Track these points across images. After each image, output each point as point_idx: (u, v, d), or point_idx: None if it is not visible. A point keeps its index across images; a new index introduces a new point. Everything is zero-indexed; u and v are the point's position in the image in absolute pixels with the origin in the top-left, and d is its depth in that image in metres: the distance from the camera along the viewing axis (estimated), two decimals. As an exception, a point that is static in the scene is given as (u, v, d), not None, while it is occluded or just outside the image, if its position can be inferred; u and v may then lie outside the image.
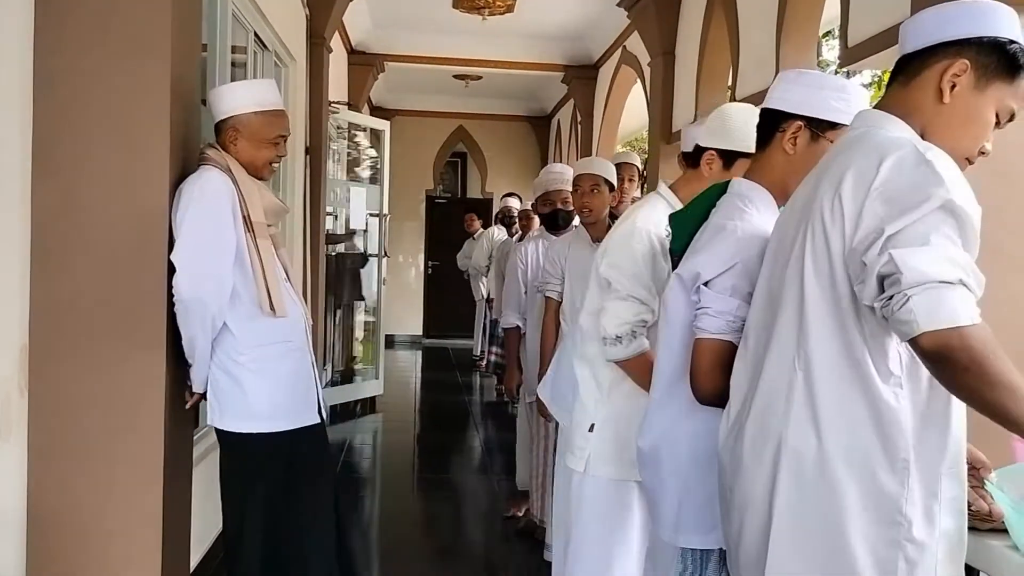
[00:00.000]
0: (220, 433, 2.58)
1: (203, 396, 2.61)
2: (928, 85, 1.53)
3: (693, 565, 1.89)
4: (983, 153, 1.56)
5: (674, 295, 1.89)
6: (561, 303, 3.70)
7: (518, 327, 4.41)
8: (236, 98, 2.62)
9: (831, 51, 10.29)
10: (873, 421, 1.44)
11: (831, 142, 1.80)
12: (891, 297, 1.34)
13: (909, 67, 1.56)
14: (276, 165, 2.70)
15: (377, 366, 7.66)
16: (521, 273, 4.44)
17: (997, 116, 1.53)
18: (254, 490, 2.58)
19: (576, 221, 4.01)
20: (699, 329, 1.80)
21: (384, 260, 7.55)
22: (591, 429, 2.43)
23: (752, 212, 1.86)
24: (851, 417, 1.46)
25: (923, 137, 1.50)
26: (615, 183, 3.70)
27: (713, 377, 1.78)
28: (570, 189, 3.88)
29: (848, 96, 1.85)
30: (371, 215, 7.75)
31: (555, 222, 4.19)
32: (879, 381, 1.44)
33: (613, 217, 3.58)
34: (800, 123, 1.85)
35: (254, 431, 2.53)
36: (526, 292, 4.42)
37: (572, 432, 2.52)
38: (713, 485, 1.78)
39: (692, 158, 2.42)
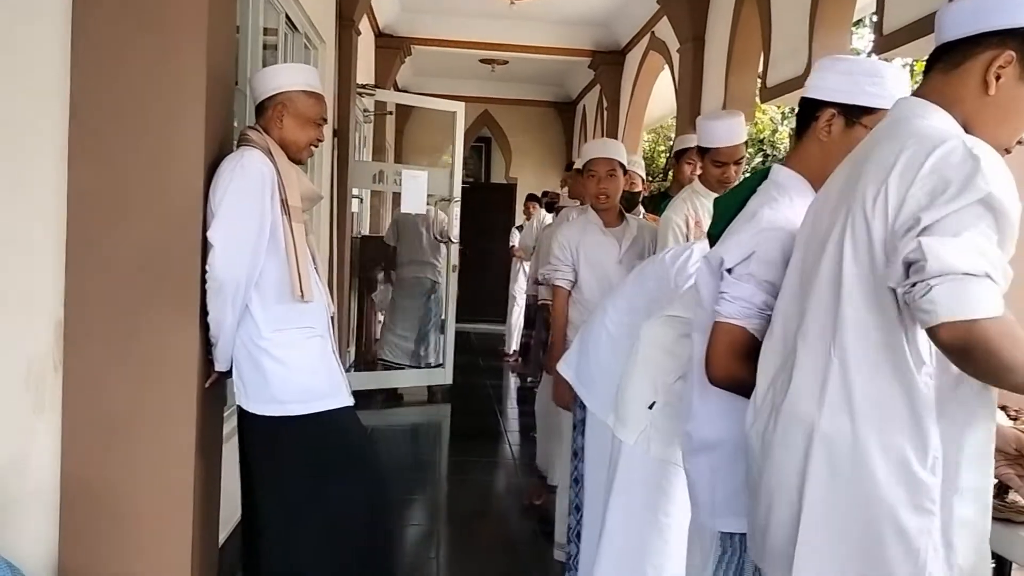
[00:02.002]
0: (247, 415, 2.60)
1: (224, 375, 2.63)
2: (972, 76, 1.50)
3: (731, 549, 1.90)
4: (1020, 143, 1.54)
5: (704, 280, 1.90)
6: (570, 291, 3.64)
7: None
8: (287, 76, 2.66)
9: (860, 40, 10.19)
10: (908, 408, 1.43)
11: (867, 128, 1.78)
12: (914, 284, 1.35)
13: (950, 56, 1.53)
14: (316, 149, 2.72)
15: (443, 353, 7.46)
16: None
17: None
18: (283, 473, 2.60)
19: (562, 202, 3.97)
20: (716, 313, 1.83)
21: (453, 247, 7.40)
22: (651, 407, 2.44)
23: (784, 201, 1.85)
24: (886, 404, 1.45)
25: (965, 128, 1.48)
26: (627, 165, 3.67)
27: (726, 362, 1.80)
28: (635, 171, 3.88)
29: (882, 80, 1.82)
30: (443, 199, 7.47)
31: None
32: (914, 368, 1.44)
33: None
34: (833, 110, 1.84)
35: (276, 414, 2.55)
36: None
37: (626, 406, 2.52)
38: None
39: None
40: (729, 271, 1.82)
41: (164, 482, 2.53)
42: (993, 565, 2.00)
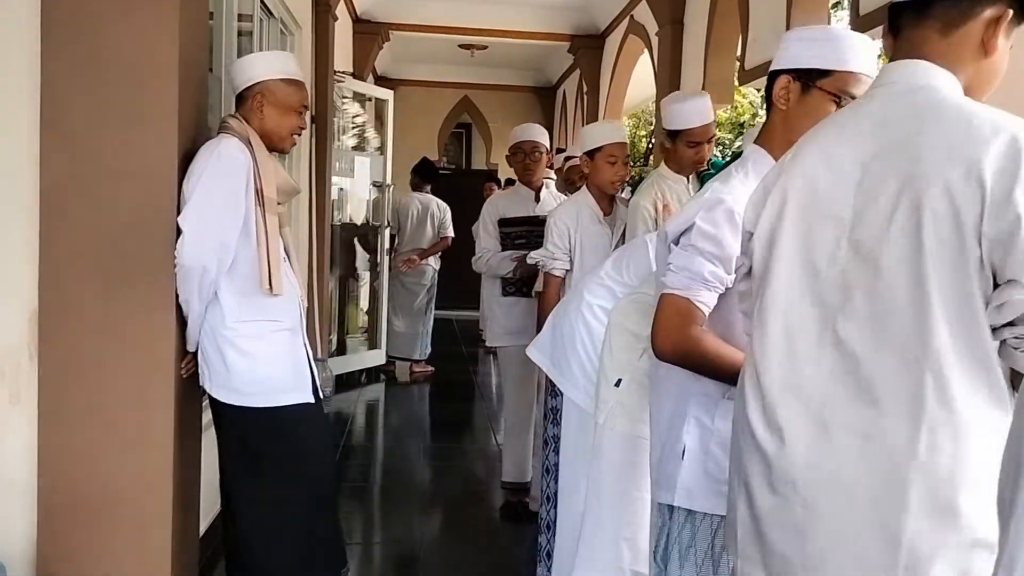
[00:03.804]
0: (215, 401, 2.60)
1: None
2: (973, 36, 1.38)
3: (661, 519, 1.91)
4: None
5: (660, 256, 1.91)
6: (564, 279, 3.61)
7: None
8: (264, 65, 2.64)
9: (839, 22, 10.22)
10: (1000, 434, 1.18)
11: (823, 91, 1.76)
12: None
13: (947, 14, 1.38)
14: (297, 138, 2.70)
15: (378, 337, 7.62)
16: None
17: None
18: (246, 462, 2.60)
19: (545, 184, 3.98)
20: (662, 284, 1.81)
21: (387, 231, 7.52)
22: (618, 384, 2.46)
23: (738, 176, 1.86)
24: (985, 429, 1.27)
25: (965, 93, 1.40)
26: None
27: (670, 334, 1.77)
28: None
29: (835, 42, 1.78)
30: (374, 184, 7.75)
31: None
32: (1008, 394, 1.29)
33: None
34: (788, 76, 1.81)
35: (236, 403, 2.54)
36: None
37: (598, 386, 2.55)
38: (682, 445, 1.82)
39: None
40: (676, 243, 1.82)
41: (143, 470, 2.52)
42: None
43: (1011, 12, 1.37)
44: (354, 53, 8.74)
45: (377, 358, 7.55)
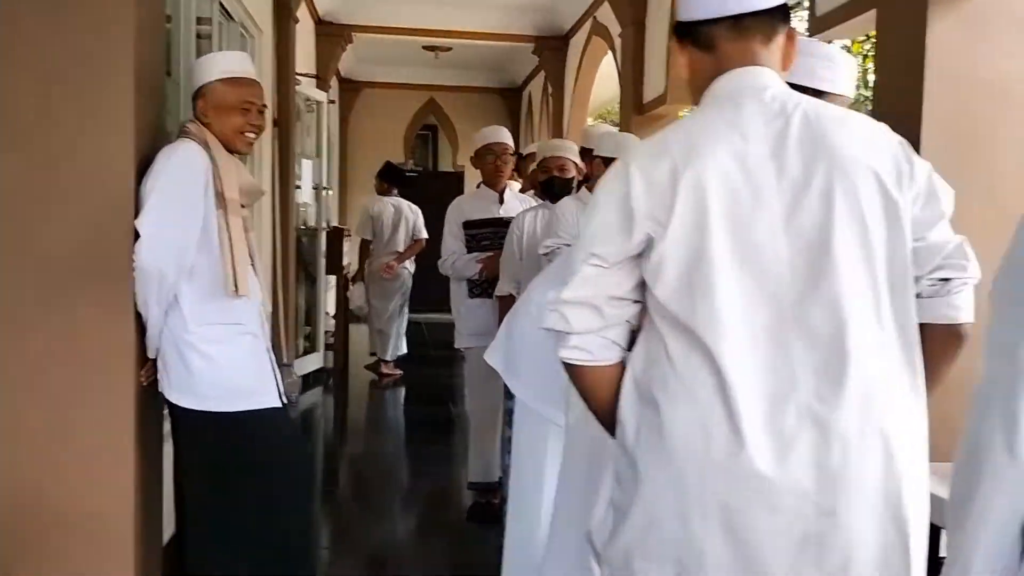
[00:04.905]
0: (174, 407, 2.56)
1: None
2: (780, 46, 1.52)
3: None
4: None
5: None
6: None
7: (512, 296, 4.01)
8: (204, 69, 2.63)
9: (798, 22, 10.31)
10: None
11: None
12: (948, 279, 1.45)
13: (763, 28, 1.49)
14: (251, 136, 2.66)
15: (316, 340, 7.63)
16: (517, 240, 4.30)
17: None
18: (206, 470, 2.57)
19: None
20: None
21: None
22: None
23: None
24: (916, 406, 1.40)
25: None
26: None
27: None
28: (569, 157, 3.90)
29: (835, 65, 1.86)
30: (318, 188, 7.76)
31: (551, 189, 4.01)
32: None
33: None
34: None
35: (198, 408, 2.51)
36: (521, 260, 4.29)
37: (568, 388, 2.51)
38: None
39: None
40: None
41: (104, 479, 2.49)
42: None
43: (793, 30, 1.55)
44: (317, 56, 8.70)
45: (316, 361, 7.52)
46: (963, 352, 1.49)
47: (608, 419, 1.50)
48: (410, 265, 7.59)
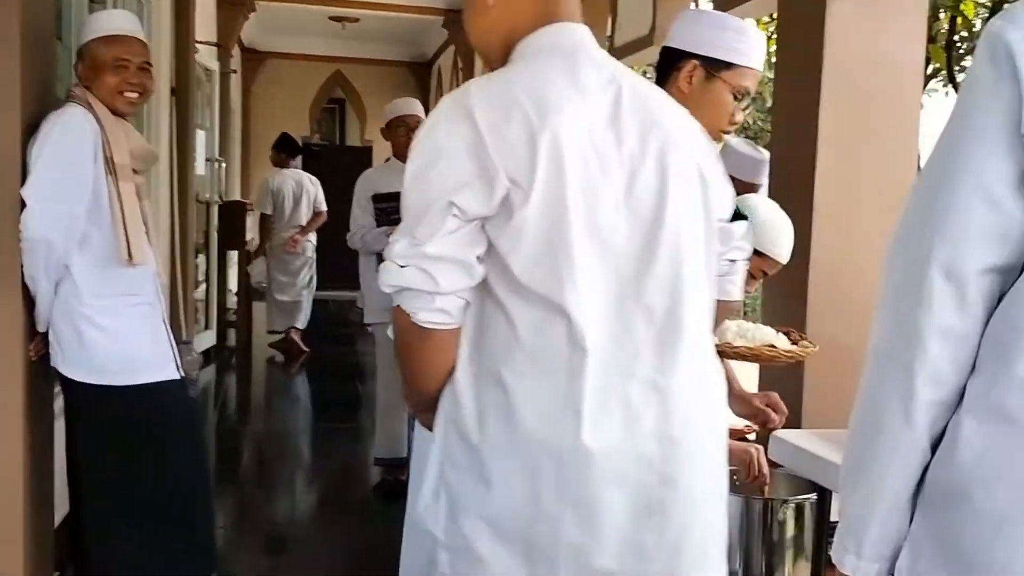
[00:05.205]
0: (68, 382, 2.48)
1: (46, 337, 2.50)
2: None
3: None
4: None
5: None
6: None
7: None
8: (85, 30, 2.55)
9: (708, 4, 10.50)
10: None
11: (726, 82, 1.83)
12: (734, 260, 1.59)
13: None
14: (132, 95, 2.53)
15: (210, 316, 7.45)
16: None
17: None
18: (103, 447, 2.50)
19: None
20: None
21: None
22: None
23: None
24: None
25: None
26: None
27: None
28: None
29: (747, 38, 1.86)
30: (209, 160, 7.53)
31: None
32: None
33: None
34: (696, 62, 1.85)
35: (94, 383, 2.44)
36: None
37: None
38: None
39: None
40: None
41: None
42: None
43: None
44: (218, 24, 8.43)
45: (211, 339, 7.35)
46: (856, 322, 1.56)
47: (433, 399, 1.36)
48: (312, 237, 7.48)
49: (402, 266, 1.24)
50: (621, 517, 1.27)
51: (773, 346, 1.90)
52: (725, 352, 1.85)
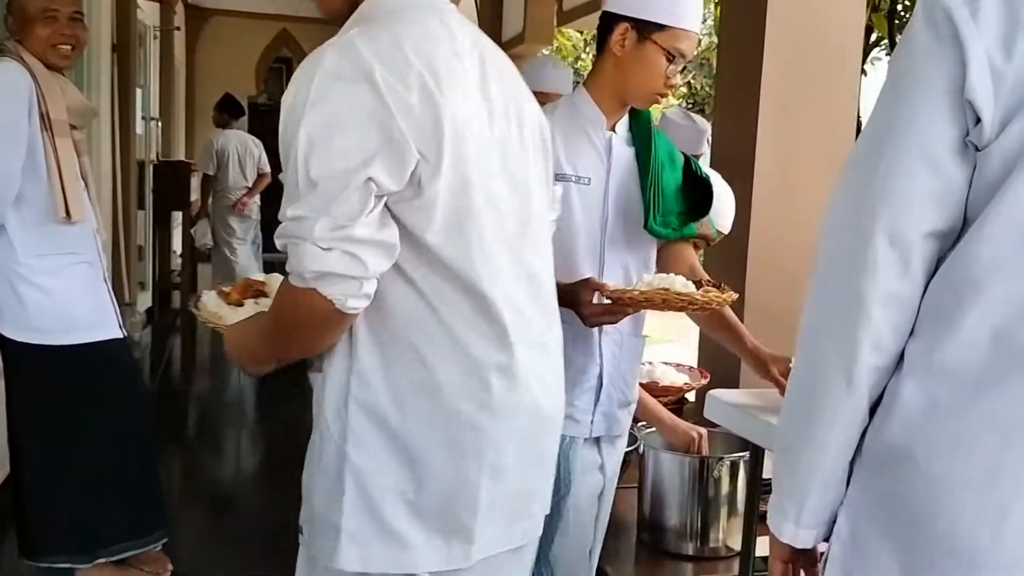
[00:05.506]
0: (7, 342, 2.44)
1: None
2: None
3: None
4: None
5: None
6: None
7: None
8: None
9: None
10: None
11: (658, 44, 1.79)
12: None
13: None
14: (64, 48, 2.46)
15: (146, 278, 7.35)
16: None
17: None
18: (45, 408, 2.48)
19: None
20: None
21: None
22: None
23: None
24: None
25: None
26: None
27: None
28: None
29: (679, 0, 1.82)
30: (145, 119, 7.39)
31: None
32: None
33: None
34: (627, 24, 1.82)
35: (34, 342, 2.41)
36: None
37: None
38: None
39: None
40: None
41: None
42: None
43: None
44: (161, -22, 8.20)
45: (147, 300, 7.25)
46: (794, 289, 1.56)
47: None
48: (257, 199, 7.37)
49: (325, 249, 1.13)
50: (532, 465, 1.38)
51: (667, 289, 1.78)
52: (635, 300, 1.72)
